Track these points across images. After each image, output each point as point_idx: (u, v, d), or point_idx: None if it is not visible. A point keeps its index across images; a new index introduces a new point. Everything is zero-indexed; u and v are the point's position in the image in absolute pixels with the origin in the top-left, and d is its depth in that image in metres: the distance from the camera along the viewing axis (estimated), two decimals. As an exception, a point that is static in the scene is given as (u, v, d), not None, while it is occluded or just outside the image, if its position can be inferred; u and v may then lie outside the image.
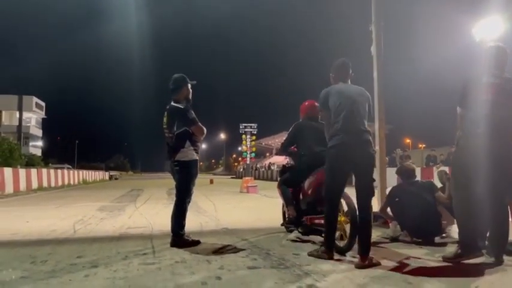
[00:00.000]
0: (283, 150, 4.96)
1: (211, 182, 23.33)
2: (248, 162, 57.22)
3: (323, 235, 3.63)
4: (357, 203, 3.43)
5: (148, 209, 8.08)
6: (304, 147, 4.62)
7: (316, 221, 4.14)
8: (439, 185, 4.67)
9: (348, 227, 3.74)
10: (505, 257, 3.26)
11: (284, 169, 5.09)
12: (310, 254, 3.56)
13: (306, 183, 4.43)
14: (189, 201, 4.18)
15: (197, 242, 4.10)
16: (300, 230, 4.43)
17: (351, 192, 3.59)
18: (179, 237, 4.05)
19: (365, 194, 3.36)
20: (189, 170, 4.13)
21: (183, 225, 4.10)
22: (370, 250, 3.24)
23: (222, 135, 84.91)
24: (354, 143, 3.35)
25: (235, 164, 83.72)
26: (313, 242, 4.26)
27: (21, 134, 53.42)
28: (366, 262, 3.17)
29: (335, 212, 3.49)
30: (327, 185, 3.53)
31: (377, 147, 5.93)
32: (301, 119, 4.92)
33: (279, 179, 5.06)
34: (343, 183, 3.49)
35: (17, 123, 54.56)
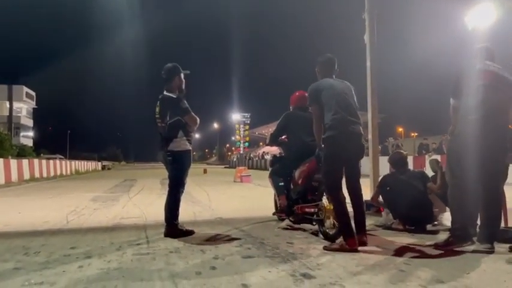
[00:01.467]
0: (272, 140, 4.98)
1: (205, 171, 23.31)
2: (242, 151, 57.28)
3: (338, 226, 3.56)
4: (348, 187, 3.66)
5: (142, 199, 8.06)
6: (294, 137, 4.65)
7: (307, 210, 4.17)
8: (430, 173, 4.71)
9: None
10: (496, 244, 3.30)
11: (275, 159, 5.13)
12: (328, 249, 3.37)
13: (297, 173, 4.46)
14: (182, 191, 4.16)
15: (191, 232, 4.10)
16: (291, 218, 4.49)
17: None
18: (173, 227, 4.04)
19: (355, 179, 3.68)
20: (182, 161, 4.11)
21: (176, 215, 4.09)
22: (365, 227, 3.52)
23: (216, 125, 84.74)
24: (350, 134, 3.50)
25: (229, 153, 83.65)
26: (304, 230, 4.33)
27: (12, 124, 52.83)
28: (364, 238, 3.41)
29: (342, 201, 3.47)
30: (328, 173, 3.57)
31: (370, 136, 5.96)
32: (291, 109, 4.93)
33: (270, 169, 5.09)
34: (342, 170, 3.57)
35: (7, 114, 53.90)
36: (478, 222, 3.47)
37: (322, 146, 3.64)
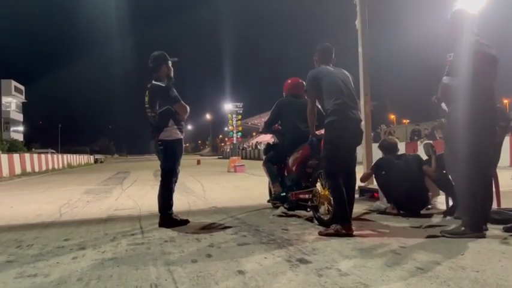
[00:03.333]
0: (266, 128, 4.97)
1: (198, 162, 23.29)
2: (235, 141, 57.18)
3: (334, 211, 3.51)
4: (343, 172, 3.59)
5: (136, 191, 8.02)
6: (288, 124, 4.64)
7: (301, 196, 4.18)
8: (424, 157, 4.72)
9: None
10: (489, 226, 3.32)
11: (269, 147, 5.12)
12: (323, 234, 3.36)
13: (291, 160, 4.46)
14: (176, 181, 4.12)
15: (186, 221, 4.08)
16: (285, 205, 4.50)
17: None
18: (167, 217, 4.02)
19: (352, 164, 3.67)
20: (173, 149, 4.07)
21: (170, 205, 4.06)
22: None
23: (208, 116, 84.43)
24: (351, 119, 3.52)
25: (222, 144, 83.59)
26: (299, 217, 4.34)
27: (1, 119, 52.16)
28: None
29: (341, 187, 3.43)
30: (328, 158, 3.54)
31: (362, 123, 5.95)
32: (284, 96, 4.91)
33: (264, 157, 5.08)
34: (342, 156, 3.55)
35: (-4, 108, 53.20)
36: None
37: (323, 131, 3.64)
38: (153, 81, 4.14)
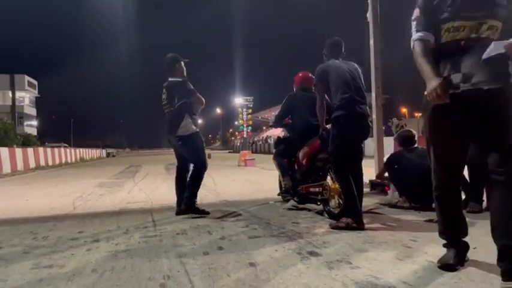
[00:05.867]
0: (277, 122, 4.99)
1: (209, 156, 23.23)
2: (245, 136, 57.20)
3: (344, 205, 3.54)
4: (350, 166, 3.60)
5: (147, 184, 8.10)
6: (298, 118, 4.64)
7: (311, 190, 4.19)
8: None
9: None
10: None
11: (279, 140, 5.13)
12: (334, 227, 3.39)
13: (301, 154, 4.47)
14: (205, 171, 4.31)
15: (207, 213, 4.20)
16: (295, 199, 4.51)
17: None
18: (192, 205, 4.18)
19: (358, 158, 3.70)
20: (194, 142, 4.25)
21: (196, 195, 4.24)
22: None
23: (218, 110, 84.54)
24: (358, 114, 3.51)
25: (232, 138, 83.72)
26: (309, 210, 4.36)
27: (15, 113, 52.95)
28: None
29: (350, 180, 3.44)
30: (336, 152, 3.55)
31: (374, 116, 5.91)
32: (294, 90, 4.91)
33: (274, 150, 5.10)
34: (350, 150, 3.57)
35: (10, 103, 54.00)
36: None
37: (330, 125, 3.64)
38: (170, 79, 4.35)
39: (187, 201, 4.17)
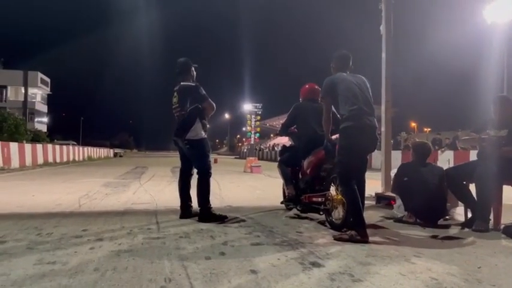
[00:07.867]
0: (283, 130, 5.03)
1: (216, 161, 23.37)
2: (252, 142, 57.19)
3: (351, 218, 3.48)
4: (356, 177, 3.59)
5: (153, 186, 8.13)
6: (304, 127, 4.67)
7: (315, 199, 4.19)
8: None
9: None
10: (507, 240, 3.25)
11: (284, 149, 5.16)
12: (338, 238, 3.34)
13: (305, 163, 4.48)
14: (209, 177, 4.34)
15: (224, 217, 4.22)
16: (298, 207, 4.52)
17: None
18: (208, 212, 4.20)
19: (363, 170, 3.72)
20: (202, 148, 4.27)
21: (209, 199, 4.27)
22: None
23: (227, 115, 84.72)
24: (366, 126, 3.51)
25: (239, 144, 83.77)
26: (311, 219, 4.35)
27: (27, 109, 53.51)
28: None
29: (355, 192, 3.42)
30: (342, 164, 3.54)
31: (383, 129, 5.89)
32: (300, 101, 4.94)
33: (279, 158, 5.12)
34: (356, 161, 3.57)
35: (23, 99, 54.61)
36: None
37: (337, 136, 3.65)
38: (182, 83, 4.37)
39: (203, 211, 4.19)
